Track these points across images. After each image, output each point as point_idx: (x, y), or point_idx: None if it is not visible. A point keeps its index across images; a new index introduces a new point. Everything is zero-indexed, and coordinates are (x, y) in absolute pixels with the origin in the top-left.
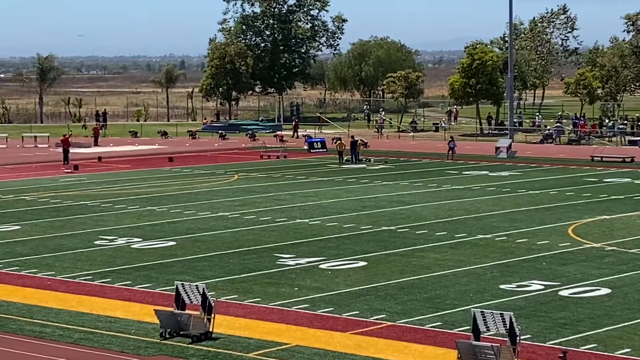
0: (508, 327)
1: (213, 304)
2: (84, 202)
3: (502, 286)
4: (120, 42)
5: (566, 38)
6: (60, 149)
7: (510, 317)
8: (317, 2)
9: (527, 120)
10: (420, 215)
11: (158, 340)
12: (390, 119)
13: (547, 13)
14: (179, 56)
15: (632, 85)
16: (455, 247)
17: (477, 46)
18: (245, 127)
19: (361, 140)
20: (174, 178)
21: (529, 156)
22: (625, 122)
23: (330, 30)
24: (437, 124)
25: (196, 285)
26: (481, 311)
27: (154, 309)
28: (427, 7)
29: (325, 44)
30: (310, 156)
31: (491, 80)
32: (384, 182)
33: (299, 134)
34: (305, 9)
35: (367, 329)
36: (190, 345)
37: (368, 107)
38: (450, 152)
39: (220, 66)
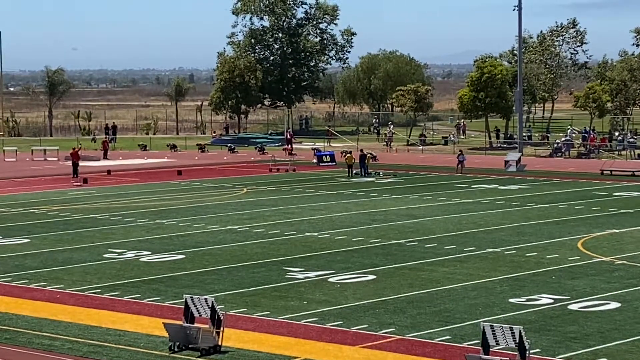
0: (517, 341)
1: (222, 318)
2: (93, 215)
3: (511, 300)
4: (130, 56)
5: (575, 52)
6: (70, 162)
7: (520, 331)
8: (326, 16)
9: (537, 134)
10: (429, 229)
11: (167, 354)
12: (395, 130)
13: (557, 27)
14: (188, 69)
15: None
16: (465, 260)
17: (486, 60)
18: (254, 140)
19: (370, 153)
20: (183, 191)
21: (538, 170)
22: (635, 136)
23: (339, 43)
24: (447, 137)
25: (205, 299)
26: (490, 325)
27: (163, 322)
28: (436, 20)
29: (334, 58)
30: (319, 169)
31: (500, 94)
32: (393, 196)
33: (292, 146)
34: (314, 23)
35: (376, 342)
36: (199, 359)
37: (377, 120)
38: (460, 165)
39: (230, 79)
